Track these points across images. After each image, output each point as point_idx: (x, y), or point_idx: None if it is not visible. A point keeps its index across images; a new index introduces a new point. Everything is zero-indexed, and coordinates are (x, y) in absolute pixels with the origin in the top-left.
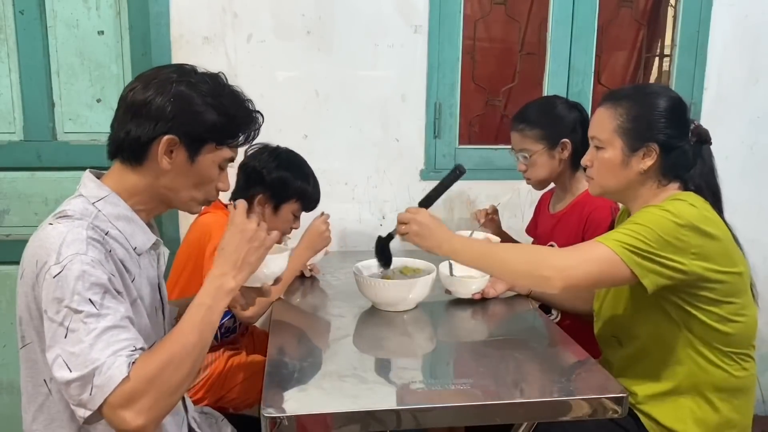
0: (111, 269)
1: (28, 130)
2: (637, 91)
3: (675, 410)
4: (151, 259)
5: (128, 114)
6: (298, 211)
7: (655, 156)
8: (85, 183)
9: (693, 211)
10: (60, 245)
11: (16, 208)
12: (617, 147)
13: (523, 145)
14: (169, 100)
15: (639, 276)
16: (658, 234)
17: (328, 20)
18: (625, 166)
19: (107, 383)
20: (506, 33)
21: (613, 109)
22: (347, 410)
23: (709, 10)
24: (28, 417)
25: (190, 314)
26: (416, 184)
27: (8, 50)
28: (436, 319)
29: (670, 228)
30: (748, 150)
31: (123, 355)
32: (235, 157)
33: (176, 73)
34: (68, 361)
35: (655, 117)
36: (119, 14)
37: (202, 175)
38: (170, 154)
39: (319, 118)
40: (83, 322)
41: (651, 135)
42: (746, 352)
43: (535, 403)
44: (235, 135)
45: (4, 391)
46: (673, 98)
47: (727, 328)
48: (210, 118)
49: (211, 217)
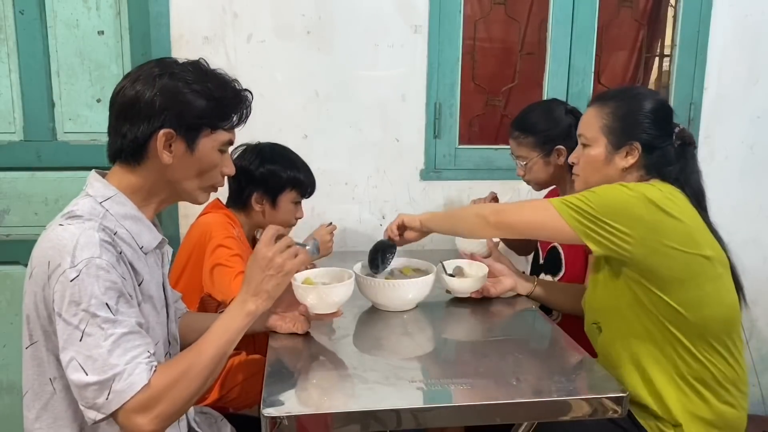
0: (122, 271)
1: (28, 130)
2: (624, 93)
3: (663, 399)
4: (156, 258)
5: (120, 117)
6: (296, 198)
7: (637, 154)
8: (92, 183)
9: (655, 191)
10: (74, 248)
11: (16, 208)
12: (601, 144)
13: (519, 152)
14: (156, 94)
15: (580, 234)
16: (606, 201)
17: (328, 20)
18: (608, 163)
19: (128, 389)
20: (506, 33)
21: (600, 109)
22: (347, 410)
23: (709, 10)
24: (31, 415)
25: (211, 331)
26: (416, 184)
27: (8, 50)
28: (436, 319)
29: (623, 199)
30: (748, 150)
31: (143, 363)
32: (233, 140)
33: (158, 66)
34: (84, 365)
35: (640, 117)
36: (119, 14)
37: (205, 162)
38: (169, 147)
39: (319, 118)
40: (100, 327)
41: (634, 134)
42: (727, 344)
43: (535, 403)
44: (227, 116)
45: (4, 391)
46: (658, 101)
47: (698, 315)
48: (199, 104)
49: (211, 217)
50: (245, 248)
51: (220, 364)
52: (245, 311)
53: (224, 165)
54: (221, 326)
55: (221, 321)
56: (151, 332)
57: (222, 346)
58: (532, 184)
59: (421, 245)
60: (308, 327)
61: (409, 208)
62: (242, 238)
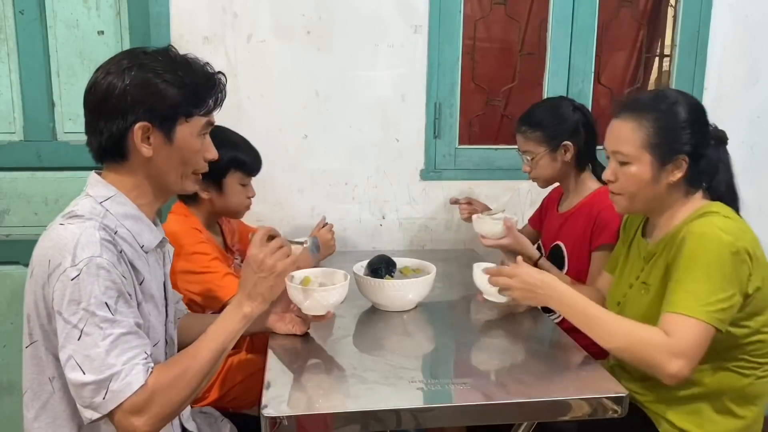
0: (123, 270)
1: (28, 130)
2: (657, 101)
3: (692, 414)
4: (158, 258)
5: (95, 113)
6: (242, 180)
7: (685, 166)
8: (92, 183)
9: (736, 229)
10: (75, 247)
11: (16, 208)
12: (646, 162)
13: (526, 147)
14: (126, 87)
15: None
16: (727, 276)
17: (328, 20)
18: (655, 181)
19: (124, 389)
20: (506, 33)
21: (637, 122)
22: (347, 410)
23: (709, 10)
24: (30, 415)
25: (207, 334)
26: (416, 184)
27: (8, 50)
28: (436, 319)
29: (730, 262)
30: (748, 150)
31: (140, 363)
32: (213, 122)
33: (126, 58)
34: (82, 364)
35: (682, 128)
36: (119, 14)
37: (185, 150)
38: (147, 140)
39: (319, 118)
40: (99, 327)
41: (680, 147)
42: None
43: (535, 403)
44: (202, 103)
45: (4, 391)
46: (694, 104)
47: (755, 339)
48: (171, 93)
49: (175, 225)
50: (218, 248)
51: (216, 367)
52: (241, 314)
53: (206, 150)
54: (217, 329)
55: (217, 324)
56: (152, 331)
57: (218, 349)
58: (538, 181)
59: (421, 245)
60: (306, 328)
61: (409, 208)
62: (211, 240)
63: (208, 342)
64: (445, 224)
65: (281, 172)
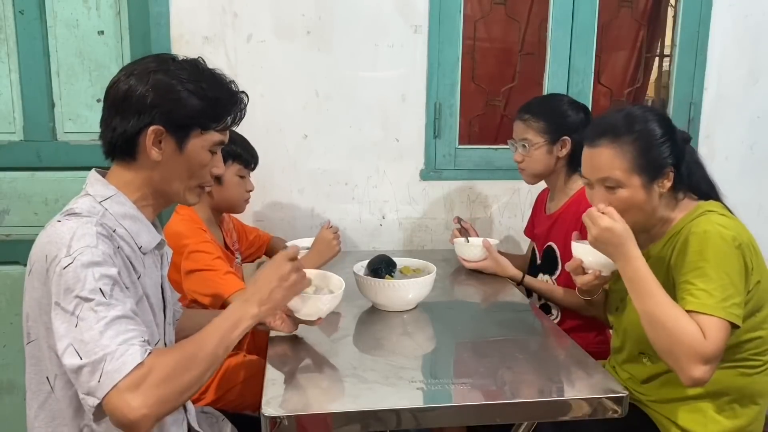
0: (119, 264)
1: (28, 130)
2: (630, 123)
3: (693, 413)
4: (155, 259)
5: (112, 109)
6: (241, 171)
7: (672, 176)
8: (92, 182)
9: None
10: (70, 239)
11: (16, 208)
12: (636, 184)
13: (525, 135)
14: (148, 90)
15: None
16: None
17: (328, 20)
18: (648, 198)
19: (120, 368)
20: (506, 33)
21: (617, 148)
22: (347, 410)
23: (709, 10)
24: (31, 413)
25: (212, 325)
26: (416, 184)
27: (8, 50)
28: (436, 319)
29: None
30: (748, 150)
31: (136, 344)
32: (225, 140)
33: (155, 62)
34: (79, 349)
35: (661, 142)
36: (119, 14)
37: (194, 162)
38: (159, 144)
39: (319, 118)
40: (93, 311)
41: (664, 161)
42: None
43: (535, 403)
44: (220, 118)
45: (4, 391)
46: (661, 115)
47: (755, 336)
48: (192, 103)
49: (180, 225)
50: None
51: (218, 361)
52: (250, 313)
53: (214, 165)
54: (223, 322)
55: (224, 317)
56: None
57: (222, 342)
58: (526, 174)
59: (421, 245)
60: (294, 329)
61: (409, 208)
62: (215, 240)
63: (213, 331)
64: (445, 224)
65: (281, 172)
